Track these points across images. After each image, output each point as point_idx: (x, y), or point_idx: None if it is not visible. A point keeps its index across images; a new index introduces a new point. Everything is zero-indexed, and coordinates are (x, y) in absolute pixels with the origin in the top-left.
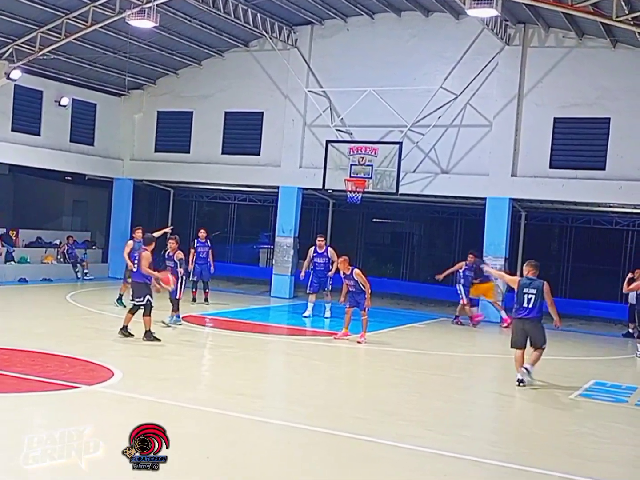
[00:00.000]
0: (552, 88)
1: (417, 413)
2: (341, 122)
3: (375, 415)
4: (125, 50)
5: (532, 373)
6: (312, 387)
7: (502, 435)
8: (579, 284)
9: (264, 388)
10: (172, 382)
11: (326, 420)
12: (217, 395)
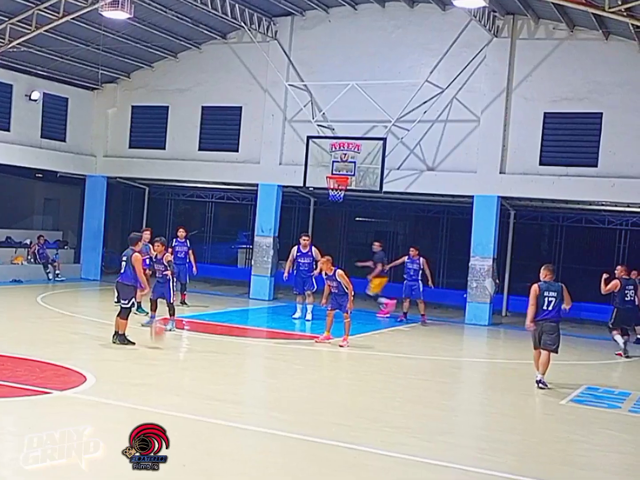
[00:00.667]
0: (542, 82)
1: (401, 419)
2: (323, 117)
3: (358, 421)
4: (98, 42)
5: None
6: (293, 393)
7: (490, 442)
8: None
9: (243, 393)
10: (147, 387)
11: (307, 427)
12: (193, 400)
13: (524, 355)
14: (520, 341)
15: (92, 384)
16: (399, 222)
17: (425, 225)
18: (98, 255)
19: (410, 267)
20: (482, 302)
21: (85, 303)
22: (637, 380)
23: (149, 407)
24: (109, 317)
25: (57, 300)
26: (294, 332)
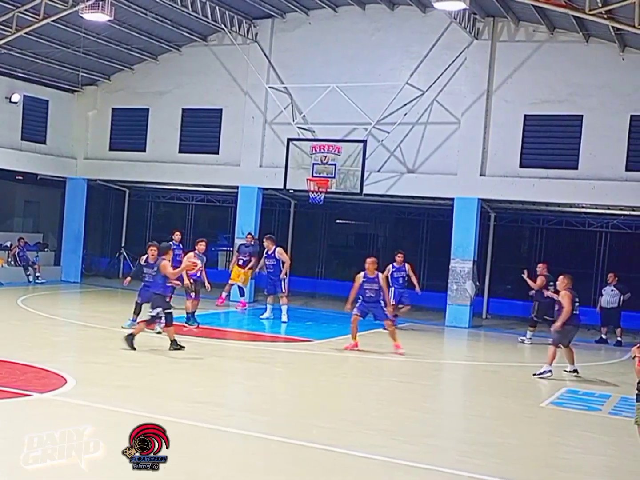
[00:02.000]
0: (523, 84)
1: (383, 422)
2: (303, 119)
3: (340, 424)
4: (78, 44)
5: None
6: (274, 395)
7: (472, 445)
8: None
9: (223, 396)
10: (127, 389)
11: (289, 429)
12: (175, 403)
13: (504, 357)
14: (500, 343)
15: (72, 386)
16: (380, 225)
17: (406, 227)
18: (78, 258)
19: (397, 275)
20: (463, 304)
21: (66, 305)
22: (617, 382)
23: (130, 409)
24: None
25: (37, 302)
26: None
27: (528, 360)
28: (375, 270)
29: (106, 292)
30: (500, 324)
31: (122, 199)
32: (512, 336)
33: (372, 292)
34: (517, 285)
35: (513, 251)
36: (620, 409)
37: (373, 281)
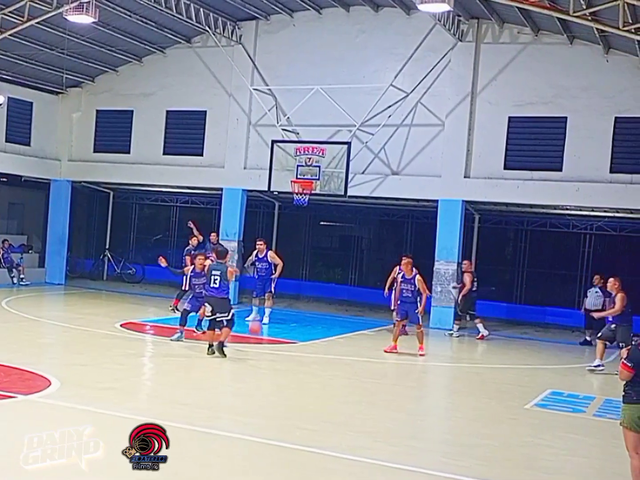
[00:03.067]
0: (507, 86)
1: (368, 424)
2: (287, 121)
3: (324, 426)
4: (63, 46)
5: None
6: (259, 397)
7: (455, 446)
8: (534, 290)
9: (208, 398)
10: (112, 391)
11: (274, 431)
12: (159, 405)
13: (488, 359)
14: (484, 345)
15: (57, 388)
16: (364, 226)
17: (390, 229)
18: (63, 260)
19: (405, 287)
20: (447, 306)
21: (50, 307)
22: (601, 384)
23: (114, 411)
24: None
25: (22, 304)
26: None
27: (512, 362)
28: (413, 271)
29: (91, 293)
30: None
31: (106, 201)
32: (496, 338)
33: (409, 292)
34: (501, 287)
35: (497, 253)
36: (605, 411)
37: (410, 282)
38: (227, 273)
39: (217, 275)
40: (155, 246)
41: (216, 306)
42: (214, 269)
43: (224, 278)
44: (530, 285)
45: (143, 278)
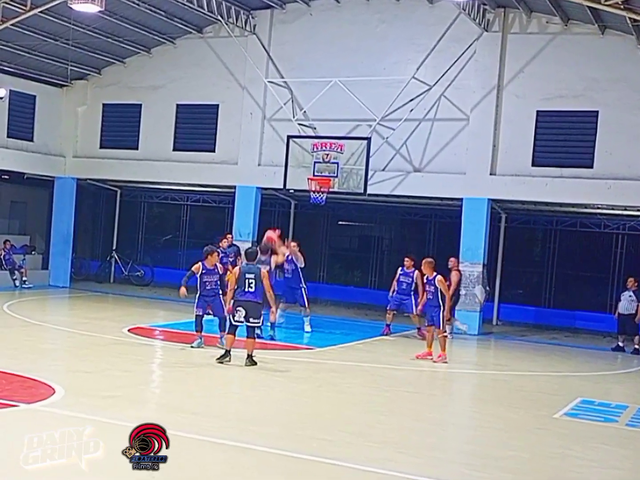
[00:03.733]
0: (535, 78)
1: (387, 434)
2: (304, 115)
3: (342, 436)
4: (67, 37)
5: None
6: (272, 406)
7: (480, 458)
8: (564, 293)
9: (218, 406)
10: (117, 399)
11: (287, 441)
12: (167, 414)
13: (515, 366)
14: (510, 351)
15: (61, 396)
16: (384, 226)
17: (412, 229)
18: (67, 261)
19: (403, 280)
20: (472, 310)
21: (54, 311)
22: (634, 392)
23: (120, 420)
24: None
25: (24, 308)
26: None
27: (540, 369)
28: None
29: (97, 297)
30: (512, 330)
31: (113, 200)
32: (524, 344)
33: (431, 294)
34: (529, 290)
35: (525, 254)
36: (638, 420)
37: (430, 282)
38: (263, 275)
39: (252, 278)
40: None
41: (250, 311)
42: (246, 272)
43: (258, 280)
44: (559, 288)
45: (152, 281)
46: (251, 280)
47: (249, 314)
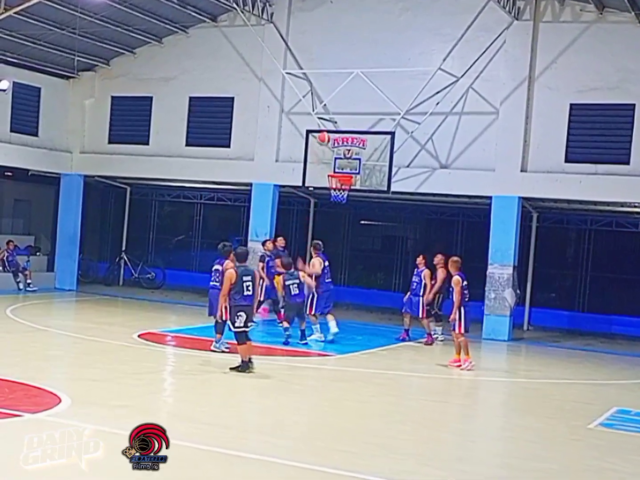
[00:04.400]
0: (568, 70)
1: (412, 445)
2: (324, 109)
3: (364, 448)
4: (74, 26)
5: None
6: (292, 416)
7: (511, 470)
8: (599, 296)
9: (235, 417)
10: (127, 409)
11: (308, 454)
12: (179, 425)
13: (547, 373)
14: (542, 358)
15: (67, 405)
16: (409, 226)
17: (438, 229)
18: (74, 263)
19: (414, 279)
20: (502, 314)
21: (60, 316)
22: None
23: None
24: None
25: (28, 312)
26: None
27: (574, 377)
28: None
29: (105, 300)
30: (544, 336)
31: (122, 198)
32: (557, 350)
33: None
34: (562, 294)
35: (558, 255)
36: None
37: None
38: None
39: (249, 280)
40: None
41: (250, 315)
42: (243, 274)
43: (254, 283)
44: (594, 291)
45: (163, 283)
46: (248, 283)
47: (248, 319)
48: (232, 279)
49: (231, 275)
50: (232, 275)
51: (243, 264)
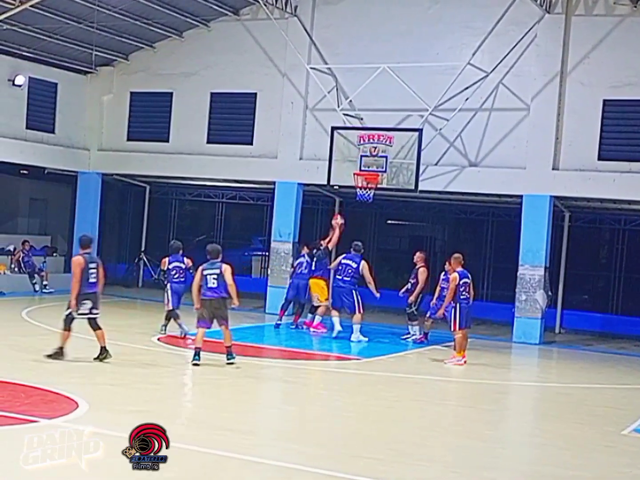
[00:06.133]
0: (601, 65)
1: (439, 452)
2: (349, 105)
3: (389, 454)
4: (92, 19)
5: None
6: (315, 422)
7: (541, 478)
8: (633, 298)
9: (257, 422)
10: (146, 415)
11: (331, 460)
12: (200, 430)
13: (579, 378)
14: (574, 362)
15: (84, 411)
16: (437, 226)
17: (467, 229)
18: None
19: (444, 285)
20: (533, 317)
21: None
22: None
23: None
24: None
25: (44, 315)
26: (317, 352)
27: (607, 382)
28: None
29: (124, 302)
30: (576, 339)
31: (141, 197)
32: (589, 354)
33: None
34: (595, 295)
35: (590, 256)
36: None
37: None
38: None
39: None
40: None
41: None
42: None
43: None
44: (628, 293)
45: None
46: (93, 271)
47: (94, 306)
48: (81, 266)
49: (80, 262)
50: (81, 262)
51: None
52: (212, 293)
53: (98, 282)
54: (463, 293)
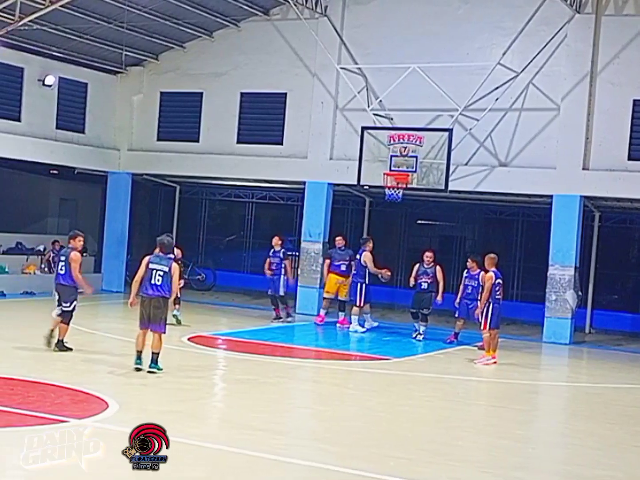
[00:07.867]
0: (632, 64)
1: (470, 452)
2: (380, 105)
3: (421, 455)
4: (122, 19)
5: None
6: (346, 422)
7: (573, 478)
8: None
9: (288, 423)
10: (177, 415)
11: (362, 460)
12: (231, 431)
13: (610, 378)
14: (605, 362)
15: (115, 411)
16: (467, 226)
17: (497, 229)
18: (122, 264)
19: (468, 283)
20: (563, 317)
21: (107, 318)
22: None
23: (181, 437)
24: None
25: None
26: (348, 352)
27: (638, 382)
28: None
29: None
30: (606, 339)
31: (171, 197)
32: (619, 354)
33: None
34: (625, 295)
35: (621, 256)
36: None
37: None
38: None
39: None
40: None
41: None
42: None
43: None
44: None
45: (214, 285)
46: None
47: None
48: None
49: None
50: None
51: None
52: (154, 291)
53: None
54: (497, 293)
